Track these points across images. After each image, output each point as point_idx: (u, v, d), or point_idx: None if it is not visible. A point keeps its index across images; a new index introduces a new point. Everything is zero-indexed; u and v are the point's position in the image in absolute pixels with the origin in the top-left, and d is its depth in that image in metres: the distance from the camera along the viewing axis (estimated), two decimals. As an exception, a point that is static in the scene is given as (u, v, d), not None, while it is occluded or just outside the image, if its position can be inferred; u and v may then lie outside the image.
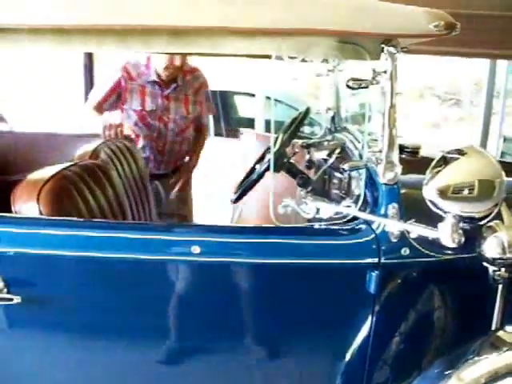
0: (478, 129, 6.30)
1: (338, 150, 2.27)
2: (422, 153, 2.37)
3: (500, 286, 1.72)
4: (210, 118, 6.03)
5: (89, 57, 3.96)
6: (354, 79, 1.54)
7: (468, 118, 9.72)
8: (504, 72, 6.58)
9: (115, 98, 3.09)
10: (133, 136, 2.97)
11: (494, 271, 1.68)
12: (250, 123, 6.05)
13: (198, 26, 1.51)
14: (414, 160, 2.29)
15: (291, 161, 2.70)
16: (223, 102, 6.47)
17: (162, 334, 1.78)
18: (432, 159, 1.62)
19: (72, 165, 2.08)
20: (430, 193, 1.48)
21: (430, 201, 1.48)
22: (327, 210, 1.70)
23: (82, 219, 1.83)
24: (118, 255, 1.68)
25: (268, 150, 2.86)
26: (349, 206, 1.69)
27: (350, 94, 2.74)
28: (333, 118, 2.80)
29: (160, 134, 3.16)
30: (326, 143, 2.52)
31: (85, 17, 1.48)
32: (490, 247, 1.65)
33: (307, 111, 2.80)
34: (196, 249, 1.64)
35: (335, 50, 1.55)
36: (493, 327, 1.74)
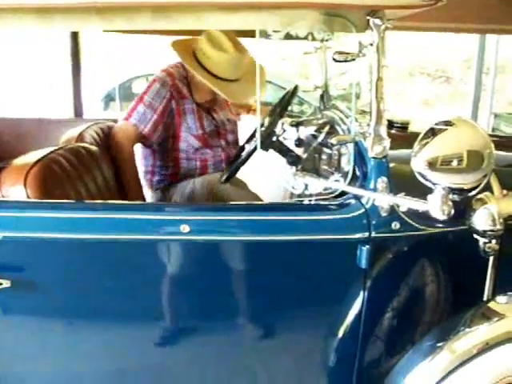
0: (469, 106, 6.32)
1: (327, 127, 2.26)
2: (412, 128, 2.37)
3: (491, 258, 1.72)
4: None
5: (75, 41, 3.91)
6: (339, 52, 1.53)
7: (458, 95, 9.72)
8: (494, 48, 6.59)
9: (165, 126, 2.60)
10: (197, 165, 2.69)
11: (485, 243, 1.68)
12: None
13: (182, 1, 1.49)
14: (403, 135, 2.28)
15: (280, 139, 2.71)
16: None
17: (155, 315, 1.78)
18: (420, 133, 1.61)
19: (59, 148, 2.06)
20: (418, 165, 1.47)
21: (419, 173, 1.47)
22: (316, 185, 1.69)
23: (69, 201, 1.81)
24: (108, 236, 1.67)
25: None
26: (337, 181, 1.68)
27: (338, 72, 2.73)
28: (321, 96, 2.79)
29: (224, 151, 2.80)
30: (315, 121, 2.51)
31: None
32: (480, 219, 1.66)
33: (295, 89, 2.79)
34: (185, 227, 1.63)
35: (321, 23, 1.53)
36: (484, 298, 1.75)
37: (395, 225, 1.66)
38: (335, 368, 1.80)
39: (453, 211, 1.46)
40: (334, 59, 1.54)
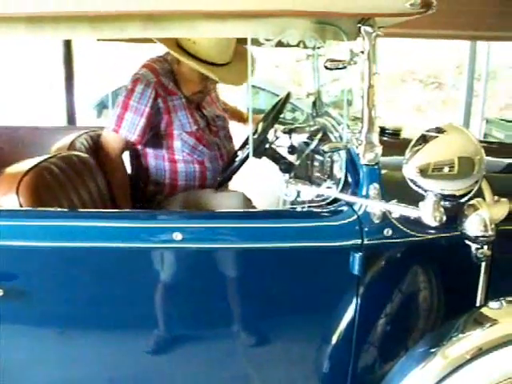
0: (461, 111, 6.35)
1: (319, 134, 2.26)
2: (405, 135, 2.37)
3: (483, 264, 1.73)
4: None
5: (67, 48, 3.92)
6: (331, 60, 1.54)
7: (450, 101, 9.77)
8: (485, 55, 6.63)
9: (154, 127, 2.47)
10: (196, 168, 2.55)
11: (477, 249, 1.69)
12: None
13: (173, 10, 1.49)
14: (395, 142, 2.29)
15: (273, 146, 2.71)
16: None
17: (148, 324, 1.77)
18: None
19: (51, 156, 2.06)
20: (410, 171, 1.48)
21: (411, 179, 1.48)
22: (308, 192, 1.69)
23: (62, 209, 1.81)
24: (101, 244, 1.67)
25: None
26: (330, 188, 1.69)
27: (331, 79, 2.74)
28: (314, 103, 2.80)
29: (219, 149, 2.68)
30: (307, 128, 2.52)
31: (57, 4, 1.46)
32: (472, 225, 1.66)
33: (288, 96, 2.80)
34: (178, 235, 1.63)
35: (312, 31, 1.53)
36: (477, 304, 1.75)
37: (387, 231, 1.66)
38: (329, 375, 1.80)
39: (444, 218, 1.47)
40: (325, 67, 1.55)
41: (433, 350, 1.61)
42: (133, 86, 2.40)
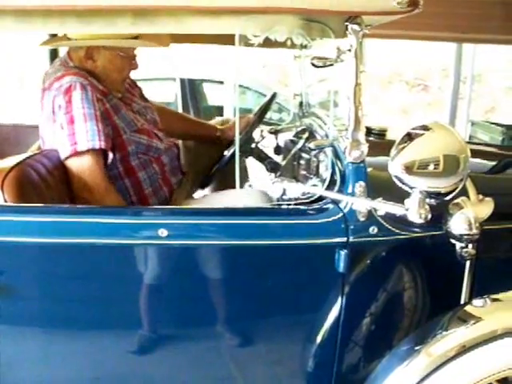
0: (446, 113, 6.39)
1: (306, 134, 2.27)
2: (390, 136, 2.39)
3: (467, 263, 1.74)
4: (179, 106, 5.97)
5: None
6: (318, 57, 1.54)
7: (436, 104, 9.83)
8: (471, 57, 6.68)
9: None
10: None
11: (462, 247, 1.70)
12: (218, 112, 6.00)
13: (162, 5, 1.49)
14: (380, 142, 2.30)
15: (259, 146, 2.72)
16: (191, 90, 6.40)
17: (133, 322, 1.76)
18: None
19: (35, 154, 2.05)
20: (395, 168, 1.48)
21: (396, 176, 1.49)
22: (294, 190, 1.70)
23: (47, 205, 1.79)
24: (87, 240, 1.66)
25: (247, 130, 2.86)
26: (315, 186, 1.69)
27: (317, 80, 2.75)
28: (300, 104, 2.81)
29: (161, 140, 2.39)
30: (293, 128, 2.53)
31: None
32: (457, 224, 1.67)
33: (273, 96, 2.81)
34: (163, 232, 1.62)
35: (300, 28, 1.54)
36: (461, 302, 1.76)
37: (373, 229, 1.67)
38: (313, 374, 1.80)
39: (430, 215, 1.48)
40: (312, 64, 1.56)
41: (417, 348, 1.61)
42: (68, 98, 2.03)
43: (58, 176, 2.01)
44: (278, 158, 2.66)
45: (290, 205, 1.73)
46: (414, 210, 1.46)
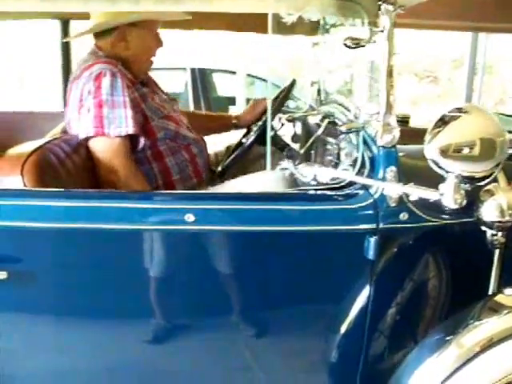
0: (457, 105, 6.32)
1: (326, 121, 2.24)
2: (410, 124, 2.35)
3: (497, 251, 1.70)
4: (190, 97, 5.93)
5: (65, 34, 3.86)
6: (351, 38, 1.50)
7: (445, 95, 9.80)
8: (482, 48, 6.62)
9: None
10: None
11: (493, 235, 1.66)
12: (229, 102, 5.95)
13: None
14: (403, 130, 2.26)
15: (278, 134, 2.69)
16: (202, 81, 6.35)
17: (154, 309, 1.73)
18: (421, 129, 1.59)
19: (54, 139, 2.02)
20: (432, 152, 1.44)
21: (432, 160, 1.44)
22: (324, 174, 1.66)
23: (71, 190, 1.76)
24: (109, 226, 1.62)
25: (254, 123, 2.83)
26: (346, 170, 1.65)
27: (336, 67, 2.71)
28: (318, 92, 2.77)
29: (189, 129, 2.41)
30: (311, 116, 2.49)
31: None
32: (489, 211, 1.63)
33: (293, 83, 2.77)
34: (190, 217, 1.58)
35: (333, 7, 1.50)
36: (490, 292, 1.72)
37: (403, 215, 1.63)
38: (337, 365, 1.76)
39: (465, 201, 1.44)
40: (345, 45, 1.51)
41: (448, 339, 1.57)
42: (98, 83, 2.04)
43: (78, 161, 1.99)
44: (296, 146, 2.62)
45: (318, 190, 1.69)
46: (449, 195, 1.42)
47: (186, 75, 5.98)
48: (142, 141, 2.12)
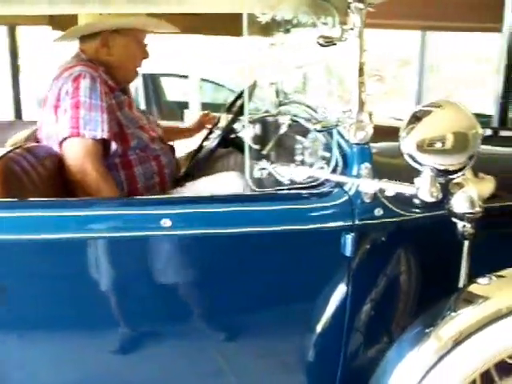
0: (403, 102, 6.47)
1: (287, 121, 2.25)
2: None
3: (466, 242, 1.73)
4: (142, 102, 5.86)
5: (12, 37, 3.77)
6: (323, 36, 1.50)
7: (392, 93, 10.00)
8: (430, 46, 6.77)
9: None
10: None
11: (463, 226, 1.69)
12: (183, 107, 5.89)
13: None
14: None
15: (239, 136, 2.69)
16: (153, 85, 6.29)
17: (124, 318, 1.70)
18: (382, 126, 1.64)
19: (16, 148, 1.97)
20: (408, 146, 1.45)
21: (409, 154, 1.46)
22: (300, 173, 1.66)
23: (38, 199, 1.71)
24: (82, 235, 1.59)
25: (214, 127, 2.83)
26: (322, 168, 1.66)
27: (293, 68, 2.72)
28: (277, 93, 2.78)
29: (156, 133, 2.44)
30: (271, 117, 2.50)
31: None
32: (459, 202, 1.66)
33: (254, 85, 2.77)
34: (166, 222, 1.56)
35: (305, 6, 1.50)
36: (460, 283, 1.75)
37: (378, 211, 1.65)
38: (318, 363, 1.76)
39: (441, 194, 1.46)
40: (318, 43, 1.52)
41: (427, 331, 1.59)
42: (76, 84, 2.06)
43: (43, 171, 1.95)
44: (257, 147, 2.62)
45: (292, 189, 1.69)
46: (425, 189, 1.44)
47: (137, 80, 5.91)
48: (113, 147, 2.12)
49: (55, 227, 1.58)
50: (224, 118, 2.74)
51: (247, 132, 2.68)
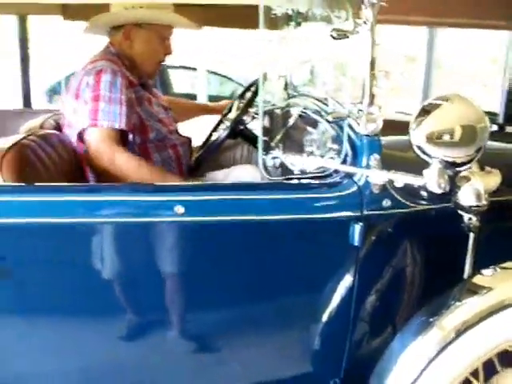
0: (410, 100, 6.47)
1: (296, 113, 2.27)
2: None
3: (472, 234, 1.76)
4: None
5: (23, 27, 3.79)
6: (336, 29, 1.53)
7: (398, 89, 9.97)
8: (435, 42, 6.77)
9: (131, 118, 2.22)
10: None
11: (469, 219, 1.71)
12: (187, 99, 5.89)
13: None
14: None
15: (248, 127, 2.71)
16: (161, 77, 6.29)
17: (139, 304, 1.73)
18: (389, 121, 1.65)
19: (30, 134, 2.00)
20: (418, 138, 1.48)
21: (418, 146, 1.49)
22: (311, 163, 1.69)
23: (53, 184, 1.74)
24: (94, 220, 1.61)
25: (223, 117, 2.85)
26: (332, 159, 1.69)
27: (303, 61, 2.74)
28: (285, 86, 2.80)
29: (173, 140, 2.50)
30: (279, 109, 2.52)
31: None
32: (466, 195, 1.68)
33: (264, 77, 2.79)
34: (180, 209, 1.59)
35: None
36: (465, 274, 1.77)
37: (386, 202, 1.67)
38: (325, 351, 1.79)
39: (448, 186, 1.49)
40: (331, 36, 1.54)
41: (431, 320, 1.61)
42: (97, 78, 2.14)
43: (57, 158, 1.98)
44: (265, 139, 2.65)
45: (303, 179, 1.72)
46: (434, 180, 1.47)
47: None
48: (130, 138, 2.20)
49: (72, 212, 1.60)
50: (235, 108, 2.76)
51: (259, 123, 2.72)
